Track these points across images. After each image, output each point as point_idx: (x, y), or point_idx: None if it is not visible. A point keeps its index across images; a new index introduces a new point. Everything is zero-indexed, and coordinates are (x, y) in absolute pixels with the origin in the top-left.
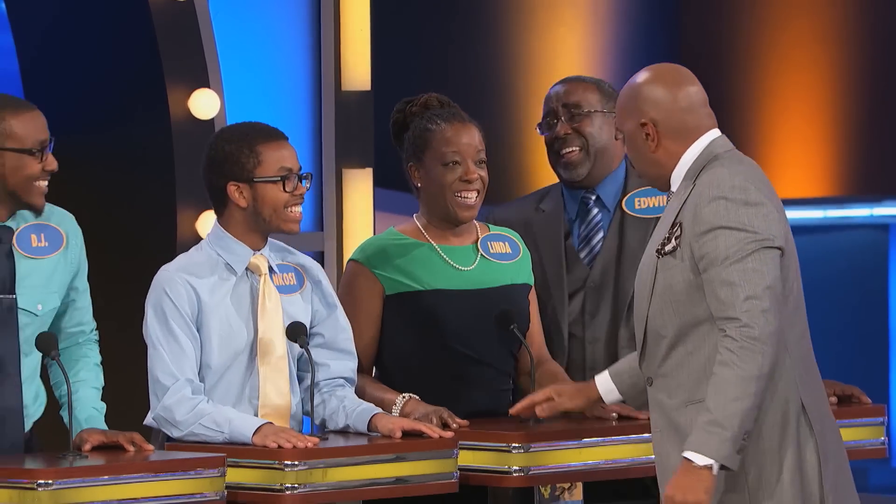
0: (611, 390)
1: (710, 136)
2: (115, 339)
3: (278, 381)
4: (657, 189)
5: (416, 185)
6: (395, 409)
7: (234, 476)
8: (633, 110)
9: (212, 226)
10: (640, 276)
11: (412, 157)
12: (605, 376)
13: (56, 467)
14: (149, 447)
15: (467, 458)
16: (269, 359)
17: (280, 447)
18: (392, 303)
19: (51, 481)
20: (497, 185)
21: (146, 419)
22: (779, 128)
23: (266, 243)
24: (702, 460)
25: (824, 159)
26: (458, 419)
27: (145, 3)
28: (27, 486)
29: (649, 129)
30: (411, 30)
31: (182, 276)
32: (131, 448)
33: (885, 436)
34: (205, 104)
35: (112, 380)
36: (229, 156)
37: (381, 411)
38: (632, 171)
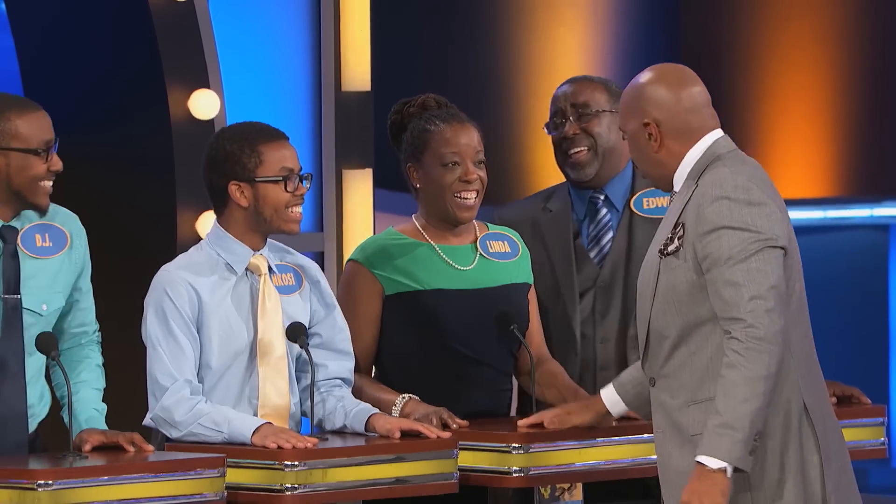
0: (616, 402)
1: (713, 136)
2: (114, 339)
3: (278, 382)
4: (660, 189)
5: (414, 185)
6: (395, 410)
7: (234, 476)
8: (637, 110)
9: (211, 226)
10: (642, 276)
11: (411, 157)
12: (610, 389)
13: (56, 468)
14: (149, 447)
15: (467, 459)
16: (268, 359)
17: (280, 447)
18: (391, 303)
19: (51, 482)
20: (497, 186)
21: (145, 419)
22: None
23: (265, 243)
24: (715, 463)
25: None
26: (457, 420)
27: (145, 3)
28: (27, 486)
29: (652, 129)
30: (411, 30)
31: (183, 277)
32: (131, 448)
33: (885, 436)
34: (205, 104)
35: (112, 380)
36: (231, 155)
37: (378, 411)
38: (639, 172)
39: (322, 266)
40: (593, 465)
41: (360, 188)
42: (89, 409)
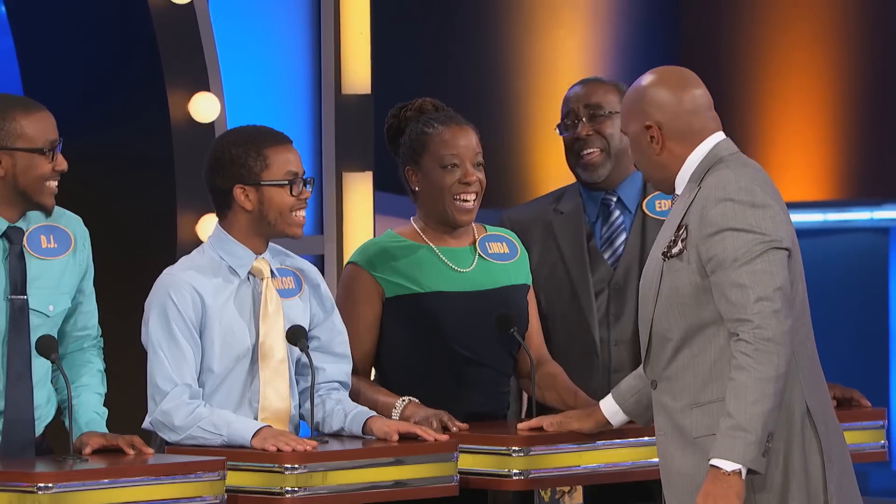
0: (616, 412)
1: (715, 138)
2: (114, 341)
3: (279, 385)
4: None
5: (413, 188)
6: (395, 413)
7: (234, 479)
8: (638, 113)
9: (213, 228)
10: (644, 278)
11: (409, 160)
12: (610, 399)
13: (56, 470)
14: (149, 450)
15: (467, 462)
16: (269, 363)
17: (279, 450)
18: (391, 305)
19: (51, 484)
20: (497, 187)
21: (144, 423)
22: (779, 130)
23: (267, 247)
24: (730, 466)
25: (824, 162)
26: (458, 423)
27: (145, 5)
28: (27, 489)
29: (654, 131)
30: (411, 33)
31: (187, 280)
32: (131, 451)
33: (885, 439)
34: (205, 107)
35: (111, 382)
36: (236, 158)
37: (376, 414)
38: None
39: (322, 269)
40: (594, 469)
41: (360, 191)
42: (90, 412)
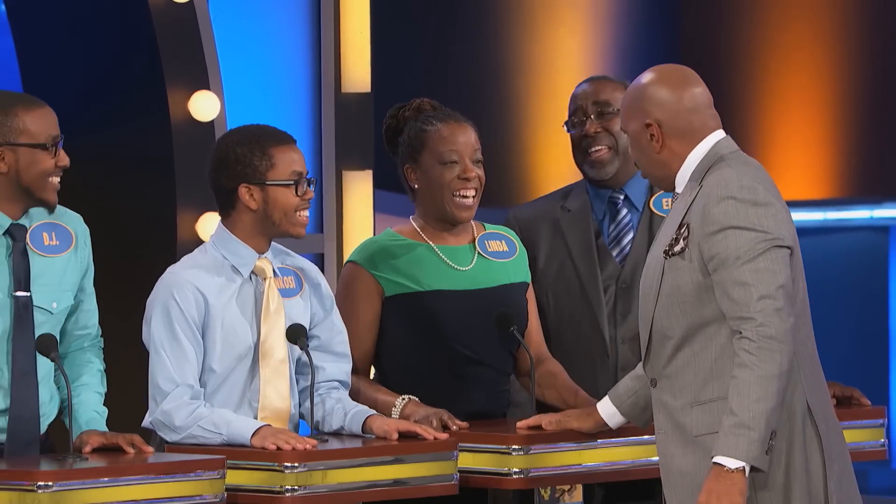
0: (613, 414)
1: (716, 136)
2: (114, 339)
3: (279, 385)
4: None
5: (412, 186)
6: (395, 411)
7: (234, 478)
8: (638, 111)
9: (216, 227)
10: (645, 277)
11: (408, 158)
12: (607, 401)
13: (56, 469)
14: (149, 449)
15: (467, 461)
16: (271, 362)
17: (279, 449)
18: (391, 304)
19: (50, 483)
20: (497, 186)
21: (144, 421)
22: (779, 129)
23: (269, 247)
24: (733, 463)
25: (824, 161)
26: (458, 421)
27: (145, 4)
28: (27, 487)
29: (654, 129)
30: (411, 31)
31: (190, 279)
32: (131, 450)
33: (884, 438)
34: (205, 106)
35: (111, 381)
36: (241, 158)
37: (375, 413)
38: None
39: (322, 267)
40: (593, 467)
41: (360, 189)
42: (90, 411)
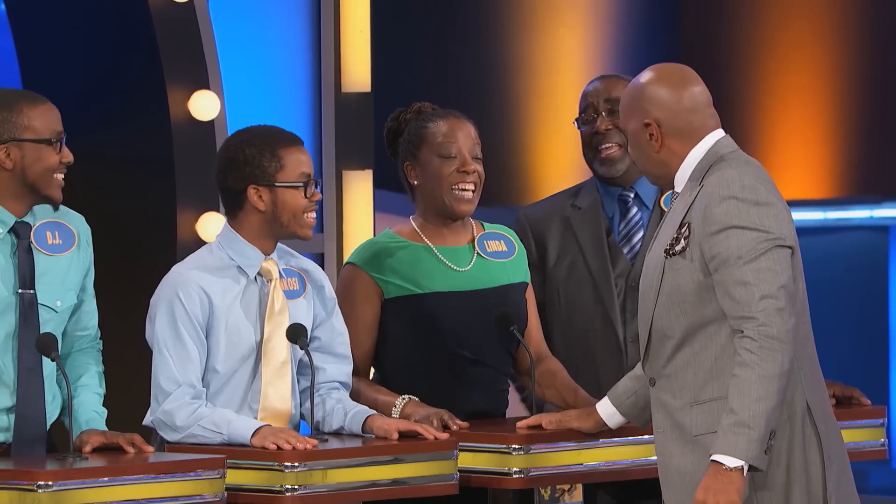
0: (612, 414)
1: (715, 136)
2: (114, 339)
3: (280, 386)
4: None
5: (412, 183)
6: (395, 411)
7: (234, 477)
8: (637, 110)
9: (222, 227)
10: (645, 276)
11: (408, 155)
12: (606, 401)
13: (56, 468)
14: (149, 448)
15: (467, 460)
16: (273, 364)
17: (279, 448)
18: (390, 306)
19: (51, 482)
20: (497, 186)
21: (145, 420)
22: (778, 129)
23: (275, 248)
24: (732, 462)
25: (824, 160)
26: (458, 421)
27: (145, 4)
28: (27, 487)
29: (653, 129)
30: (411, 31)
31: (195, 280)
32: (131, 449)
33: (884, 437)
34: (205, 106)
35: (111, 380)
36: (250, 159)
37: (375, 413)
38: None
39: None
40: (593, 467)
41: (360, 189)
42: (89, 411)
